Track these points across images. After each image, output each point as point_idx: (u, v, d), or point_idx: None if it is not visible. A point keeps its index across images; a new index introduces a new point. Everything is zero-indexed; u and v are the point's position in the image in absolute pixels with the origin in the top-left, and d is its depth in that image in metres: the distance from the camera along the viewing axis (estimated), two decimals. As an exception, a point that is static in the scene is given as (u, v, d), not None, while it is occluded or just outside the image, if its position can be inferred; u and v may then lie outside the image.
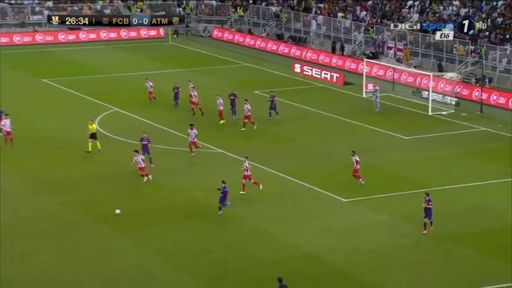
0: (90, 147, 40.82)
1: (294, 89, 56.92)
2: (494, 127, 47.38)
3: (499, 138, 45.50)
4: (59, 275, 28.07)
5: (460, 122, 48.77)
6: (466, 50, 59.31)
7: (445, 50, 60.57)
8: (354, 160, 36.45)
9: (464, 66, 58.97)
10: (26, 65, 63.44)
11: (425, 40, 62.21)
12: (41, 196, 35.41)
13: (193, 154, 40.57)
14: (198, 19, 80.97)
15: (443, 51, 60.69)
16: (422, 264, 29.27)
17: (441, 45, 60.84)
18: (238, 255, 29.90)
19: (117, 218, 32.99)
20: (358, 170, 36.50)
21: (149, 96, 50.84)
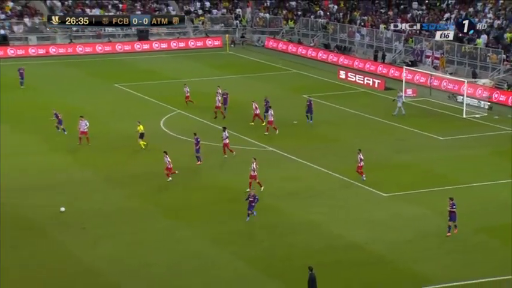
0: (142, 145, 41.14)
1: (338, 94, 56.54)
2: (524, 129, 46.43)
3: (529, 139, 44.56)
4: (129, 259, 28.28)
5: (492, 124, 47.85)
6: (498, 58, 58.18)
7: (479, 58, 59.50)
8: (359, 158, 35.86)
9: (496, 73, 57.83)
10: (101, 72, 64.19)
11: (460, 49, 61.20)
12: (111, 188, 35.74)
13: (225, 156, 39.80)
14: (253, 30, 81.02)
15: (477, 60, 59.63)
16: (456, 254, 28.81)
17: (475, 54, 59.81)
18: (286, 243, 29.76)
19: (177, 210, 33.11)
20: (362, 166, 35.97)
21: (186, 100, 50.72)
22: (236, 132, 44.74)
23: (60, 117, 44.35)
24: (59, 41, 74.15)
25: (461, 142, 43.84)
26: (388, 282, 26.57)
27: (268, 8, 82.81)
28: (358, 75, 60.88)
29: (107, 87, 58.41)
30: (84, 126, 41.67)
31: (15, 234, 30.32)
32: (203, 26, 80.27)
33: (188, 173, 37.80)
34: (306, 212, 32.74)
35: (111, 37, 76.38)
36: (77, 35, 75.15)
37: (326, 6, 79.26)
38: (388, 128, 46.91)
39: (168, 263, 27.97)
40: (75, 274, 27.01)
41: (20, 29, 73.77)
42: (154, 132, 45.16)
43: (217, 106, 47.86)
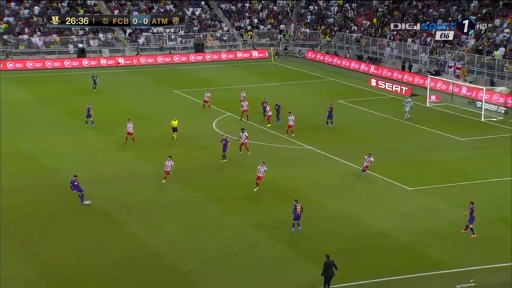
0: (174, 136, 42.41)
1: (369, 99, 56.00)
2: (537, 132, 45.34)
3: (541, 140, 43.51)
4: (185, 242, 28.50)
5: (507, 127, 46.84)
6: (514, 68, 56.98)
7: (497, 68, 58.31)
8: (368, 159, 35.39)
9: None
10: (162, 80, 64.80)
11: (480, 60, 60.07)
12: (169, 181, 35.98)
13: (240, 153, 39.38)
14: (294, 44, 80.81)
15: (495, 69, 58.45)
16: (473, 242, 28.29)
17: (493, 64, 58.63)
18: (323, 230, 29.64)
19: (226, 199, 33.16)
20: (368, 166, 35.55)
21: (206, 104, 50.81)
22: (277, 132, 44.66)
23: (90, 112, 45.62)
24: (127, 53, 75.11)
25: (480, 143, 43.03)
26: (411, 266, 26.26)
27: (308, 24, 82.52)
28: (387, 83, 60.23)
29: (167, 93, 58.91)
30: (130, 127, 41.64)
31: (90, 220, 30.78)
32: (251, 40, 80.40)
33: (237, 168, 37.84)
34: (341, 204, 32.55)
35: (171, 49, 77.07)
36: (142, 48, 76.02)
37: (360, 22, 78.62)
38: (414, 130, 46.30)
39: (218, 246, 28.06)
40: (140, 255, 27.31)
41: (95, 43, 75.08)
42: (207, 131, 45.44)
43: (244, 110, 47.54)
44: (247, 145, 39.59)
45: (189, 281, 25.45)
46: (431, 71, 63.21)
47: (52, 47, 72.95)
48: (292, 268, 26.25)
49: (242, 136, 39.38)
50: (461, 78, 59.39)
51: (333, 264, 24.07)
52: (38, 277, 25.45)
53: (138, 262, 26.71)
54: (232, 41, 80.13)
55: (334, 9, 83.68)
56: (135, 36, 76.69)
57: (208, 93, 51.55)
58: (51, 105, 52.77)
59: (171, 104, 54.41)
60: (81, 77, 64.10)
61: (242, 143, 39.43)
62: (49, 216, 31.04)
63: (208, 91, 51.95)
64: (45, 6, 76.78)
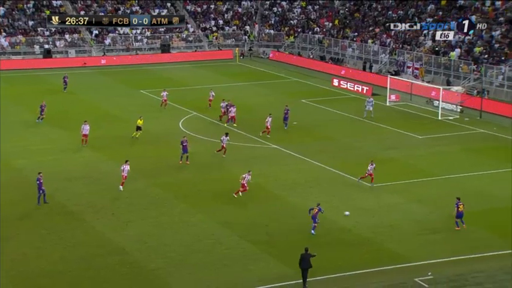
0: (135, 134, 42.26)
1: (332, 99, 56.34)
2: (491, 130, 46.10)
3: (495, 138, 44.30)
4: (151, 239, 28.28)
5: (463, 125, 47.61)
6: (469, 69, 57.88)
7: (453, 68, 59.23)
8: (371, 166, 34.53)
9: (467, 81, 57.54)
10: (128, 80, 64.20)
11: (437, 61, 60.94)
12: (137, 179, 35.64)
13: (217, 151, 38.97)
14: (259, 44, 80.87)
15: (451, 70, 59.36)
16: (431, 235, 28.67)
17: (449, 65, 59.55)
18: (286, 227, 29.69)
19: (192, 197, 33.02)
20: (372, 175, 34.42)
21: (164, 103, 50.83)
22: (244, 132, 44.67)
23: (43, 109, 45.88)
24: (94, 53, 74.19)
25: (437, 140, 43.62)
26: (371, 260, 26.47)
27: (272, 25, 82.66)
28: (349, 83, 60.68)
29: (134, 93, 58.38)
30: (86, 129, 40.78)
31: (56, 219, 30.33)
32: (216, 41, 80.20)
33: (202, 167, 37.72)
34: (305, 200, 32.63)
35: (138, 50, 76.37)
36: (109, 49, 75.18)
37: (322, 23, 79.05)
38: (375, 128, 46.72)
39: (183, 243, 27.92)
40: (107, 253, 27.01)
41: (61, 44, 73.96)
42: (174, 131, 45.18)
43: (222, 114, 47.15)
44: (225, 148, 38.94)
45: (155, 278, 25.26)
46: (391, 71, 63.87)
47: (18, 48, 71.63)
48: (256, 264, 26.25)
49: (224, 139, 38.76)
50: (419, 78, 60.15)
51: (309, 257, 24.35)
52: (4, 276, 24.96)
53: (104, 260, 26.41)
54: (198, 41, 79.81)
55: (297, 11, 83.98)
56: (102, 37, 75.80)
57: (166, 92, 51.17)
58: (21, 105, 51.82)
59: (138, 104, 53.92)
60: (49, 78, 63.07)
61: (222, 145, 38.85)
62: (16, 215, 30.49)
63: (165, 90, 51.55)
64: (10, 7, 75.35)
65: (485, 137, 44.68)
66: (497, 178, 35.84)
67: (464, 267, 25.80)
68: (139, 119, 42.88)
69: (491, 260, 26.40)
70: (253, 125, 46.26)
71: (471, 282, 24.52)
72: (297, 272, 24.83)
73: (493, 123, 48.00)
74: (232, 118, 45.90)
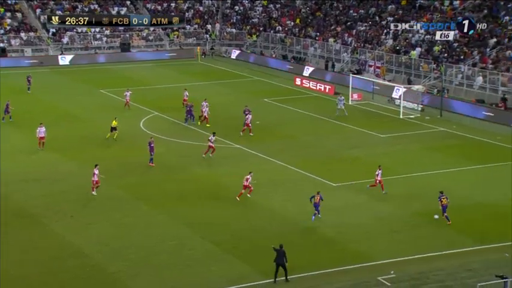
0: (110, 135, 41.50)
1: (294, 98, 56.56)
2: (451, 128, 46.88)
3: (454, 136, 45.02)
4: (113, 241, 27.93)
5: (424, 124, 48.27)
6: (429, 67, 58.75)
7: (413, 67, 60.04)
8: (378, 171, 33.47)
9: (428, 80, 58.40)
10: (89, 79, 63.37)
11: (398, 60, 61.69)
12: (98, 180, 35.23)
13: (211, 155, 38.71)
14: (221, 43, 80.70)
15: (411, 69, 60.16)
16: (394, 234, 28.94)
17: (410, 64, 60.35)
18: (250, 227, 29.65)
19: (154, 198, 32.72)
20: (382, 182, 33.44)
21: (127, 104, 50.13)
22: (206, 132, 44.49)
23: (9, 108, 45.53)
24: (51, 52, 72.93)
25: (399, 139, 44.12)
26: (336, 260, 26.56)
27: (234, 24, 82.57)
28: (311, 82, 60.98)
29: (94, 92, 57.64)
30: (42, 132, 39.84)
31: (13, 221, 29.68)
32: (178, 40, 79.73)
33: (165, 167, 37.42)
34: (269, 200, 32.63)
35: (97, 49, 75.41)
36: (67, 47, 74.04)
37: (284, 22, 79.28)
38: (337, 127, 47.03)
39: (146, 244, 27.63)
40: (66, 256, 26.53)
41: (16, 43, 72.49)
42: (134, 131, 44.77)
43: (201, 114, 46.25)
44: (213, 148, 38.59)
45: (116, 281, 24.92)
46: (353, 70, 64.41)
47: (-29, 46, 70.07)
48: (219, 265, 26.13)
49: (212, 139, 38.52)
50: (381, 77, 60.80)
51: (283, 254, 24.53)
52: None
53: (64, 263, 25.95)
54: (159, 40, 79.24)
55: (258, 10, 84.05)
56: (59, 36, 74.55)
57: (129, 92, 50.61)
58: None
59: (98, 104, 53.32)
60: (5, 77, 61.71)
61: (210, 145, 38.55)
62: (-29, 219, 29.76)
63: (128, 90, 51.01)
64: (-36, 5, 73.68)
65: (446, 135, 45.40)
66: (458, 176, 36.42)
67: (426, 265, 26.11)
68: (114, 120, 41.96)
69: (452, 257, 26.79)
70: (215, 124, 46.09)
71: (432, 280, 24.83)
72: (260, 272, 24.80)
73: (453, 121, 48.81)
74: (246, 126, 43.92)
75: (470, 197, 33.14)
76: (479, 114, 49.89)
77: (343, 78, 61.87)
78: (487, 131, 45.83)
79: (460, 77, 56.49)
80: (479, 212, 31.32)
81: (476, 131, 45.81)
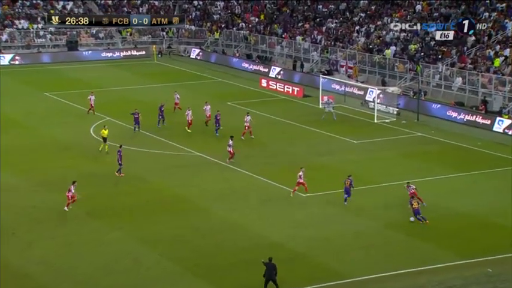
0: (103, 147, 40.70)
1: (260, 101, 56.64)
2: (429, 133, 47.47)
3: (433, 142, 45.60)
4: (59, 261, 27.51)
5: (400, 128, 48.79)
6: (405, 68, 59.48)
7: (388, 67, 60.71)
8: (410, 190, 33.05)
9: (403, 81, 59.12)
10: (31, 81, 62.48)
11: (371, 59, 62.32)
12: (43, 193, 34.70)
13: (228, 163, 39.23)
14: (179, 41, 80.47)
15: (386, 69, 60.82)
16: (369, 248, 29.10)
17: (384, 64, 61.01)
18: (213, 242, 29.49)
19: (106, 213, 32.36)
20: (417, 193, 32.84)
21: (91, 109, 49.52)
22: (163, 138, 44.26)
23: None
24: (-12, 50, 71.84)
25: (373, 145, 44.49)
26: (306, 277, 26.58)
27: (193, 20, 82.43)
28: (278, 84, 61.19)
29: (37, 95, 56.86)
30: None
31: None
32: (131, 37, 79.22)
33: (116, 178, 37.05)
34: (232, 213, 32.54)
35: (41, 47, 74.43)
36: (6, 45, 72.92)
37: (248, 18, 79.46)
38: (307, 132, 47.22)
39: (97, 264, 27.27)
40: (6, 277, 25.99)
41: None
42: (84, 138, 44.29)
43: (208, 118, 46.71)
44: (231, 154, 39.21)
45: (65, 304, 24.52)
46: (323, 70, 64.83)
47: None
48: (180, 284, 25.94)
49: (230, 144, 39.11)
50: (353, 78, 61.32)
51: (273, 267, 24.65)
52: None
53: (4, 286, 25.40)
54: (110, 38, 78.65)
55: (220, 5, 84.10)
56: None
57: (93, 96, 49.98)
58: None
59: (42, 108, 52.64)
60: None
61: (229, 150, 39.10)
62: None
63: (92, 94, 50.36)
64: None
65: (423, 140, 45.95)
66: (436, 185, 36.84)
67: (403, 282, 26.29)
68: (104, 129, 41.06)
69: (431, 273, 27.02)
70: (173, 130, 45.87)
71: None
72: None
73: (431, 125, 49.45)
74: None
75: (450, 207, 33.56)
76: (459, 118, 50.70)
77: (313, 79, 62.20)
78: (467, 135, 46.57)
79: (437, 78, 57.34)
80: (460, 224, 31.72)
81: (455, 135, 46.49)
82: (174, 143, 43.45)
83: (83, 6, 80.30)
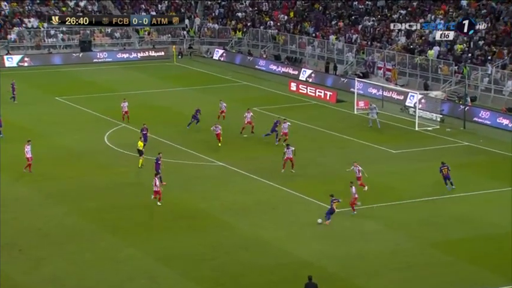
0: (140, 163, 40.37)
1: (289, 106, 56.79)
2: (477, 142, 47.22)
3: (481, 152, 45.34)
4: (70, 280, 27.86)
5: (444, 137, 48.60)
6: (450, 70, 59.26)
7: (431, 70, 60.54)
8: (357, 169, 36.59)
9: (448, 85, 58.92)
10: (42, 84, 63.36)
11: (412, 61, 62.19)
12: (54, 205, 35.19)
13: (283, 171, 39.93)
14: (201, 41, 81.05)
15: (428, 71, 60.66)
16: (408, 270, 29.05)
17: (427, 66, 60.84)
18: (237, 260, 29.68)
19: (122, 227, 32.72)
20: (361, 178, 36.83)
21: (126, 115, 49.97)
22: (183, 147, 44.63)
23: None
24: (-5, 51, 73.08)
25: (414, 155, 44.37)
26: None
27: (216, 18, 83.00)
28: (309, 87, 61.35)
29: (48, 100, 57.63)
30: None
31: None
32: (149, 37, 79.99)
33: (134, 189, 37.45)
34: (257, 228, 32.71)
35: (51, 48, 75.48)
36: (14, 46, 74.06)
37: (276, 16, 79.80)
38: (340, 141, 47.25)
39: (111, 283, 27.60)
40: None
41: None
42: (98, 146, 44.81)
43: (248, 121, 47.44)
44: (292, 160, 39.77)
45: (76, 327, 24.88)
46: (358, 73, 64.86)
47: None
48: (201, 307, 26.18)
49: (287, 152, 39.68)
50: (392, 81, 61.25)
51: (315, 287, 24.71)
52: None
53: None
54: (126, 38, 79.51)
55: (245, 2, 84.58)
56: (5, 32, 74.54)
57: (126, 103, 50.32)
58: None
59: (53, 114, 53.32)
60: None
61: (287, 157, 39.70)
62: None
63: (125, 100, 50.57)
64: None
65: (470, 150, 45.72)
66: (486, 200, 36.63)
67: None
68: (140, 140, 41.06)
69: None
70: (194, 138, 46.24)
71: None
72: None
73: (479, 134, 49.19)
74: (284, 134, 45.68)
75: (501, 225, 33.32)
76: (510, 126, 50.32)
77: (347, 82, 62.27)
78: (520, 145, 46.28)
79: (486, 81, 57.04)
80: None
81: (507, 145, 46.17)
82: (194, 151, 43.76)
83: (97, 4, 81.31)
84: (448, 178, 37.35)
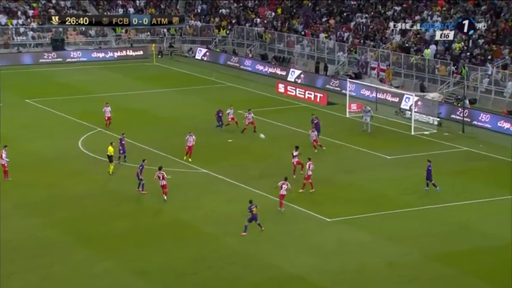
0: (112, 169, 40.34)
1: (277, 109, 56.76)
2: (476, 147, 47.31)
3: (481, 157, 45.43)
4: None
5: (442, 141, 48.68)
6: (447, 70, 59.42)
7: (427, 70, 60.69)
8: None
9: (446, 86, 59.06)
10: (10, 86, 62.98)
11: (407, 61, 62.32)
12: (24, 216, 34.93)
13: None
14: (182, 40, 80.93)
15: (425, 72, 60.79)
16: (408, 284, 28.94)
17: (423, 66, 60.97)
18: (221, 275, 29.50)
19: (98, 239, 32.48)
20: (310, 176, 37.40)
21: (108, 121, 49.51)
22: (162, 152, 44.40)
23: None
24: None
25: (410, 161, 44.38)
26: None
27: (199, 15, 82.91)
28: (298, 89, 61.31)
29: (17, 103, 57.31)
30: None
31: None
32: (126, 35, 79.77)
33: (110, 198, 37.21)
34: (243, 240, 32.54)
35: (21, 46, 75.10)
36: (-21, 45, 73.79)
37: (262, 13, 79.81)
38: (331, 146, 47.20)
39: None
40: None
41: None
42: (72, 152, 44.58)
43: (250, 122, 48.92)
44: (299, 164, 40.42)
45: None
46: (350, 73, 64.93)
47: None
48: (183, 325, 25.97)
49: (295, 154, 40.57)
50: (386, 82, 61.36)
51: None
52: None
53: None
54: (102, 36, 79.26)
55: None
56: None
57: (109, 108, 49.80)
58: None
59: (23, 117, 53.02)
60: None
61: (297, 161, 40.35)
62: None
63: (107, 105, 50.11)
64: None
65: (470, 156, 45.82)
66: (486, 209, 36.68)
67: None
68: (110, 146, 40.79)
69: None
70: (175, 144, 46.04)
71: None
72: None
73: (479, 138, 49.31)
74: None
75: (504, 236, 33.32)
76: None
77: (339, 83, 62.30)
78: (522, 150, 46.42)
79: (486, 82, 57.22)
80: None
81: (508, 150, 46.30)
82: (175, 157, 43.59)
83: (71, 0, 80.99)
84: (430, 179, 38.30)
